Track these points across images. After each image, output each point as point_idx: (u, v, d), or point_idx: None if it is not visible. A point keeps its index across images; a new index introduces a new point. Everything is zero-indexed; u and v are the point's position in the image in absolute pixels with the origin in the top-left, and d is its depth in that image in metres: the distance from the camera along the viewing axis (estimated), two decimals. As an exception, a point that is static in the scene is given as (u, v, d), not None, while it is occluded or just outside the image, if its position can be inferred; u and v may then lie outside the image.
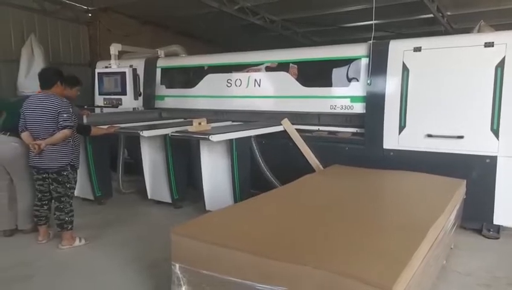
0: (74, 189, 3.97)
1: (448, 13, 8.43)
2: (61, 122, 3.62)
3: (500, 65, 3.83)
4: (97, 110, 6.46)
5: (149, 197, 5.16)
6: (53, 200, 3.88)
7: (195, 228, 2.57)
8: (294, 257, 2.07)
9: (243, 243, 2.28)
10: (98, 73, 6.29)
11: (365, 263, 2.00)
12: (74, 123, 3.77)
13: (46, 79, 3.79)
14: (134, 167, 5.46)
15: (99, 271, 3.35)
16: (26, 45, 7.23)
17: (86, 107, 5.92)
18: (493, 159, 3.90)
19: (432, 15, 8.07)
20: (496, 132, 3.87)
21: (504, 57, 3.81)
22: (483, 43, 3.92)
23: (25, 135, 3.72)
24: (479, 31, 4.88)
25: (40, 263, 3.49)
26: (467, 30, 5.93)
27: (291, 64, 5.16)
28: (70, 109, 3.74)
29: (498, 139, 3.87)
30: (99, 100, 6.31)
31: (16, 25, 7.41)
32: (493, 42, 3.87)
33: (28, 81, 7.01)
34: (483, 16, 6.75)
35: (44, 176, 3.80)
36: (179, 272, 2.41)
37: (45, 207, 3.93)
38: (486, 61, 3.90)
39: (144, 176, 5.11)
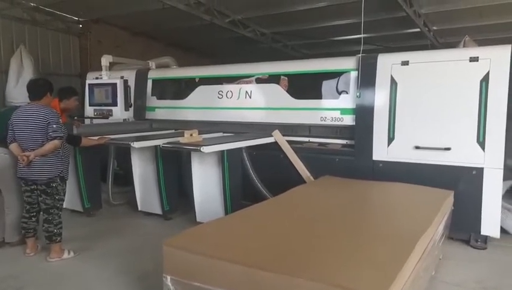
0: (63, 201, 3.93)
1: (435, 28, 8.64)
2: (50, 133, 3.59)
3: (485, 79, 3.94)
4: (87, 121, 6.43)
5: (139, 208, 5.13)
6: (41, 212, 3.83)
7: (187, 240, 2.56)
8: (287, 269, 2.08)
9: (236, 254, 2.28)
10: (89, 84, 6.27)
11: (357, 275, 2.02)
12: (64, 134, 3.76)
13: (35, 90, 3.77)
14: (124, 178, 5.42)
15: (89, 284, 3.31)
16: (16, 55, 7.20)
17: (76, 118, 5.88)
18: (480, 171, 3.98)
19: (418, 29, 8.26)
20: (481, 144, 3.96)
21: (488, 71, 3.92)
22: (469, 58, 4.02)
23: (13, 146, 3.68)
24: (464, 46, 5.01)
25: (28, 276, 3.43)
26: (453, 44, 6.10)
27: (282, 77, 5.22)
28: (60, 120, 3.73)
29: (484, 151, 3.95)
30: (89, 111, 6.28)
31: (5, 35, 7.38)
32: (478, 57, 3.98)
33: (17, 92, 6.97)
34: (468, 30, 6.95)
35: (33, 187, 3.76)
36: (170, 284, 2.39)
37: (33, 219, 3.88)
38: (472, 75, 4.00)
39: (134, 188, 5.08)
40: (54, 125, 3.61)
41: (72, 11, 8.39)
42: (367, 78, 4.53)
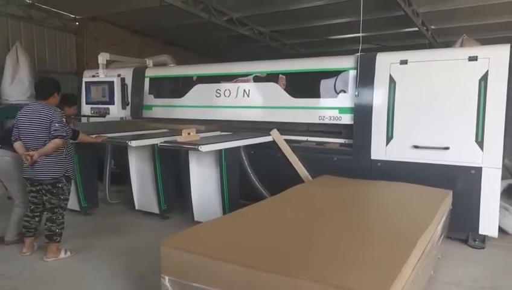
0: (68, 200, 3.89)
1: (433, 27, 8.65)
2: (52, 132, 3.56)
3: (484, 78, 3.93)
4: (84, 120, 6.38)
5: (136, 207, 5.10)
6: (45, 211, 3.79)
7: (185, 240, 2.54)
8: (286, 269, 2.06)
9: (234, 254, 2.26)
10: (86, 82, 6.22)
11: (357, 275, 2.00)
12: (67, 133, 3.71)
13: (44, 90, 3.76)
14: (121, 177, 5.39)
15: (85, 284, 3.27)
16: (11, 52, 7.13)
17: (72, 116, 5.83)
18: (478, 170, 3.98)
19: (417, 28, 8.26)
20: (480, 143, 3.96)
21: (487, 70, 3.91)
22: (468, 57, 4.01)
23: (17, 145, 3.65)
24: (461, 45, 5.01)
25: (24, 276, 3.40)
26: (451, 43, 6.09)
27: (280, 75, 5.20)
28: (63, 119, 3.70)
29: (482, 151, 3.95)
30: (86, 109, 6.23)
31: (0, 32, 7.32)
32: (477, 56, 3.97)
33: (12, 89, 6.93)
34: (466, 30, 6.96)
35: (39, 188, 3.73)
36: (168, 285, 2.37)
37: (36, 219, 3.85)
38: (470, 74, 3.99)
39: (131, 186, 5.05)
40: (57, 124, 3.58)
41: (69, 8, 8.33)
42: (365, 77, 4.51)
